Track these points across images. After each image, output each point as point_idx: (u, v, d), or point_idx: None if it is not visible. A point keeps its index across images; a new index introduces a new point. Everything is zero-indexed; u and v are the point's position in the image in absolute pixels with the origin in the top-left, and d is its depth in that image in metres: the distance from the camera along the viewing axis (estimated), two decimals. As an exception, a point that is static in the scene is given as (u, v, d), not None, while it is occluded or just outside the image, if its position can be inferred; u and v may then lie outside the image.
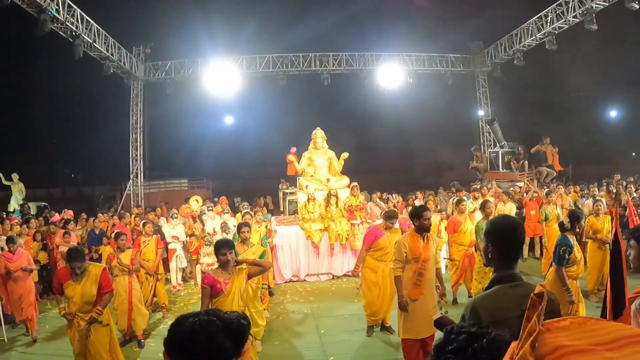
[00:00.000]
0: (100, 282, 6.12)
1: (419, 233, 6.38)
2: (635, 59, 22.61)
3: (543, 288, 1.12)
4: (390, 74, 22.48)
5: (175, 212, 13.15)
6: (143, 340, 8.24)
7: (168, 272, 12.01)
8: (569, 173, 22.57)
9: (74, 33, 15.83)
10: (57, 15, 14.53)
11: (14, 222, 12.70)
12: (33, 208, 18.18)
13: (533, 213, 12.78)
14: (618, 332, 0.98)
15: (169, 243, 12.00)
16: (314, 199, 12.63)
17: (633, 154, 32.08)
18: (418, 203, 13.53)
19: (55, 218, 14.51)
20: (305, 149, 14.57)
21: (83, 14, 16.23)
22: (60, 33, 15.55)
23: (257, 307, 7.52)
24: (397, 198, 15.67)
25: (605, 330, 1.00)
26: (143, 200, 22.68)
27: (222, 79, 20.97)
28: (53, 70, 23.69)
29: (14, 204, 18.35)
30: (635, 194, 13.34)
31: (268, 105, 27.19)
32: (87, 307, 6.04)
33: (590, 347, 0.92)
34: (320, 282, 12.07)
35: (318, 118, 18.42)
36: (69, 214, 14.86)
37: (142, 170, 23.02)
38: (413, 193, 16.53)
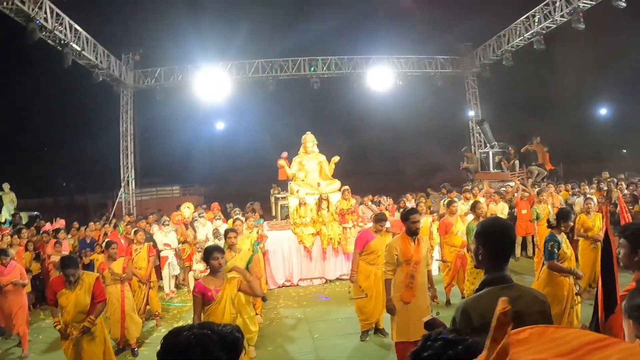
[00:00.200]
0: (94, 291, 6.12)
1: (409, 235, 6.40)
2: (623, 57, 22.72)
3: (506, 304, 1.08)
4: (380, 77, 22.47)
5: (167, 219, 13.11)
6: (137, 349, 8.20)
7: (161, 279, 11.98)
8: (560, 172, 22.64)
9: (63, 41, 15.74)
10: (45, 24, 14.47)
11: (5, 232, 12.60)
12: (25, 217, 18.05)
13: (524, 212, 12.82)
14: (578, 339, 0.97)
15: (161, 250, 11.97)
16: (306, 204, 12.62)
17: (624, 151, 32.19)
18: (411, 205, 13.56)
19: (47, 227, 14.42)
20: (296, 154, 14.56)
21: (72, 23, 16.14)
22: (49, 42, 15.47)
23: (249, 312, 7.52)
24: (388, 200, 15.67)
25: (566, 339, 0.98)
26: (135, 208, 22.55)
27: (211, 85, 20.93)
28: (42, 79, 23.64)
29: (5, 214, 18.22)
30: (627, 191, 13.39)
31: (258, 111, 27.20)
32: (80, 316, 6.03)
33: (554, 358, 0.91)
34: (313, 286, 12.05)
35: (308, 122, 18.40)
36: (61, 223, 14.78)
37: (133, 178, 22.89)
38: (404, 195, 16.54)
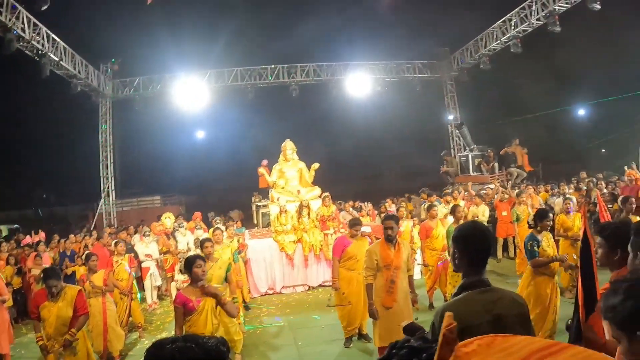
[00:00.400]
0: (76, 304, 6.08)
1: (388, 241, 6.41)
2: (600, 58, 22.98)
3: (452, 319, 1.07)
4: (359, 83, 22.56)
5: (148, 230, 13.02)
6: (119, 362, 8.13)
7: (143, 290, 11.89)
8: (539, 173, 22.84)
9: (40, 51, 15.60)
10: (22, 34, 14.33)
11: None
12: (5, 230, 17.86)
13: (505, 214, 12.89)
14: (528, 346, 0.96)
15: (143, 261, 11.88)
16: (286, 211, 12.61)
17: (603, 151, 32.53)
18: (392, 209, 13.60)
19: (26, 240, 14.27)
20: (276, 161, 14.55)
21: (49, 32, 16.01)
22: (27, 52, 15.32)
23: (233, 321, 7.46)
24: (368, 206, 15.69)
25: (516, 347, 0.98)
26: (115, 219, 22.37)
27: (190, 94, 20.90)
28: (20, 90, 23.41)
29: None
30: (605, 190, 13.52)
31: (238, 119, 27.12)
32: (62, 329, 5.98)
33: None
34: (297, 293, 12.02)
35: (288, 130, 18.36)
36: (41, 236, 14.62)
37: (113, 189, 22.71)
38: (384, 200, 16.57)
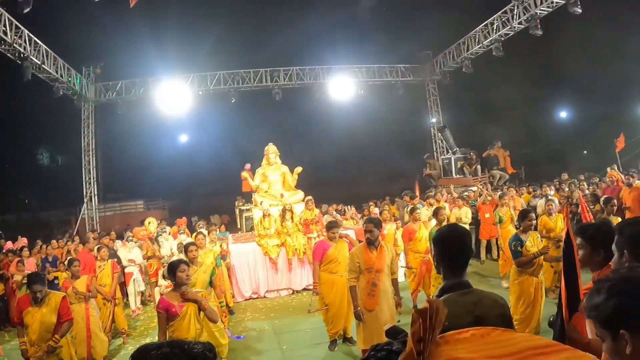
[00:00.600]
0: (60, 310, 6.04)
1: (369, 244, 6.44)
2: (581, 61, 23.20)
3: (429, 304, 1.08)
4: (342, 87, 22.64)
5: (131, 234, 12.93)
6: (103, 368, 8.06)
7: (126, 296, 11.79)
8: (522, 174, 23.02)
9: (22, 55, 15.49)
10: (4, 37, 14.23)
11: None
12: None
13: (487, 216, 12.93)
14: (525, 343, 0.95)
15: (126, 267, 11.78)
16: (270, 215, 12.57)
17: (584, 152, 32.83)
18: (377, 212, 13.61)
19: (8, 246, 14.11)
20: (260, 165, 14.54)
21: (31, 36, 15.91)
22: (8, 55, 15.21)
23: (218, 325, 7.42)
24: (351, 209, 15.71)
25: (511, 342, 0.97)
26: (98, 224, 22.22)
27: (173, 98, 20.83)
28: (1, 94, 23.20)
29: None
30: (587, 191, 13.66)
31: (221, 123, 27.15)
32: (46, 335, 5.94)
33: (486, 358, 0.89)
34: (281, 297, 11.98)
35: (271, 133, 18.39)
36: (23, 242, 14.47)
37: (96, 193, 22.59)
38: (366, 203, 16.60)
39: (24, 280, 8.35)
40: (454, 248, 2.90)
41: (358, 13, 24.42)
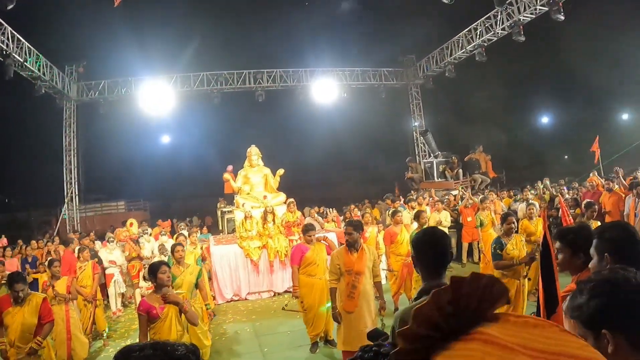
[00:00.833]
0: (41, 312, 6.00)
1: (349, 246, 6.48)
2: (562, 67, 23.45)
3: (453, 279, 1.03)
4: (325, 89, 22.64)
5: (112, 236, 12.85)
6: (83, 370, 7.99)
7: (107, 297, 11.71)
8: (503, 179, 23.18)
9: (4, 52, 15.33)
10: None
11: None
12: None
13: (470, 220, 13.03)
14: (561, 346, 0.86)
15: (107, 268, 11.70)
16: (251, 217, 12.54)
17: (565, 157, 33.13)
18: (359, 215, 13.63)
19: (-13, 246, 14.01)
20: (242, 167, 14.51)
21: (14, 33, 15.76)
22: (-10, 52, 15.08)
23: (202, 327, 7.39)
24: (333, 212, 15.73)
25: (552, 340, 0.87)
26: (79, 225, 22.01)
27: (156, 98, 20.70)
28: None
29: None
30: (568, 195, 13.80)
31: (204, 124, 27.04)
32: (26, 336, 5.89)
33: (513, 346, 0.84)
34: (262, 299, 11.95)
35: (254, 135, 18.33)
36: (3, 242, 14.36)
37: (77, 194, 22.38)
38: (347, 206, 16.63)
39: (3, 281, 8.26)
40: (432, 251, 2.91)
41: (342, 16, 24.53)
